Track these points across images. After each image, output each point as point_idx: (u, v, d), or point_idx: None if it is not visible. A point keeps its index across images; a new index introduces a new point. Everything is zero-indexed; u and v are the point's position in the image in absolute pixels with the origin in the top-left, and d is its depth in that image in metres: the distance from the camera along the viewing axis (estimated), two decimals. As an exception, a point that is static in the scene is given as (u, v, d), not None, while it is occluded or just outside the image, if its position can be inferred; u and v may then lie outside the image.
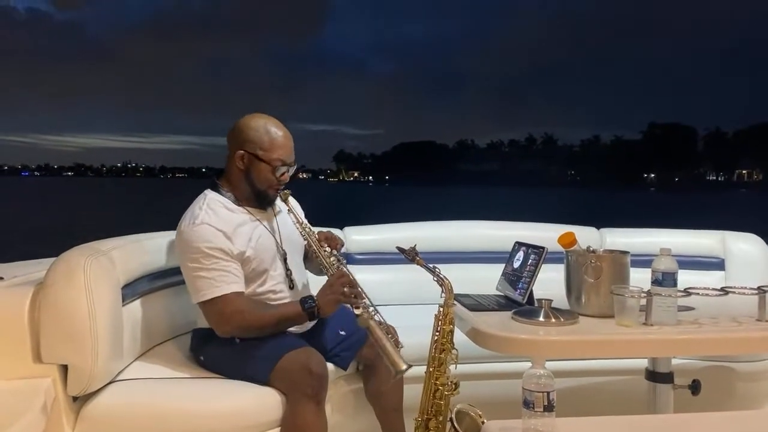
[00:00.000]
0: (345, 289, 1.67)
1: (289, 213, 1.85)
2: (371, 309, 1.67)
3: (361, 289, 1.71)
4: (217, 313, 1.70)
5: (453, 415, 1.54)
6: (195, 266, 1.68)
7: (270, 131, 1.77)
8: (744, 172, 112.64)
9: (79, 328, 1.54)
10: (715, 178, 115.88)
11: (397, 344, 1.68)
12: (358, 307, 1.64)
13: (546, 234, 2.09)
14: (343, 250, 1.98)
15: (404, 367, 1.55)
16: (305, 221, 1.88)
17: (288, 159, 1.80)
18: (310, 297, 1.72)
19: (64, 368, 1.58)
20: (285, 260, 1.84)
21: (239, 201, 1.80)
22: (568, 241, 1.75)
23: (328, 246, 1.83)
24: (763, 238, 2.71)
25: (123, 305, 1.72)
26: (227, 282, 1.68)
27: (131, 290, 1.79)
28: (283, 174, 1.80)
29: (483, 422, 1.54)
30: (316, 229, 1.89)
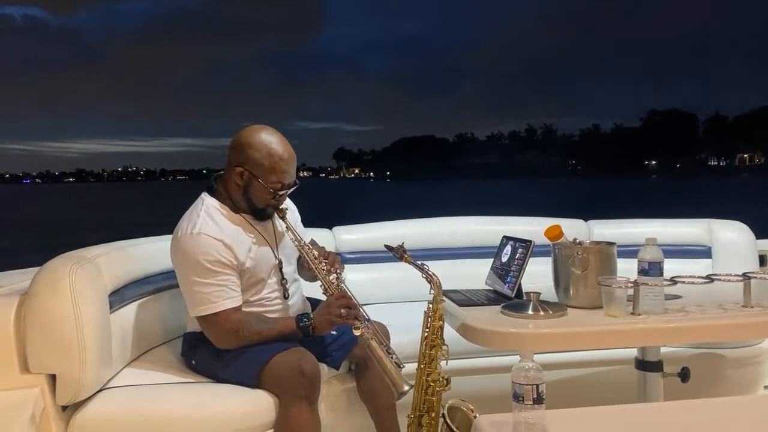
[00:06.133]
0: (342, 311, 1.66)
1: (287, 231, 1.82)
2: (369, 327, 1.67)
3: (362, 310, 1.70)
4: (213, 328, 1.70)
5: (445, 411, 1.54)
6: (192, 279, 1.67)
7: (273, 154, 1.70)
8: (745, 156, 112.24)
9: (66, 337, 1.53)
10: (716, 163, 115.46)
11: (398, 364, 1.67)
12: (357, 328, 1.64)
13: (533, 228, 2.09)
14: (332, 249, 1.98)
15: (406, 388, 1.55)
16: (302, 235, 1.85)
17: (288, 181, 1.75)
18: (306, 315, 1.72)
19: (53, 378, 1.57)
20: (281, 269, 1.83)
21: (237, 209, 1.78)
22: (554, 233, 1.75)
23: (327, 264, 1.79)
24: (763, 222, 2.71)
25: (111, 312, 1.71)
26: (224, 297, 1.68)
27: (119, 297, 1.79)
28: (281, 195, 1.77)
29: (475, 416, 1.54)
30: (309, 231, 1.85)
